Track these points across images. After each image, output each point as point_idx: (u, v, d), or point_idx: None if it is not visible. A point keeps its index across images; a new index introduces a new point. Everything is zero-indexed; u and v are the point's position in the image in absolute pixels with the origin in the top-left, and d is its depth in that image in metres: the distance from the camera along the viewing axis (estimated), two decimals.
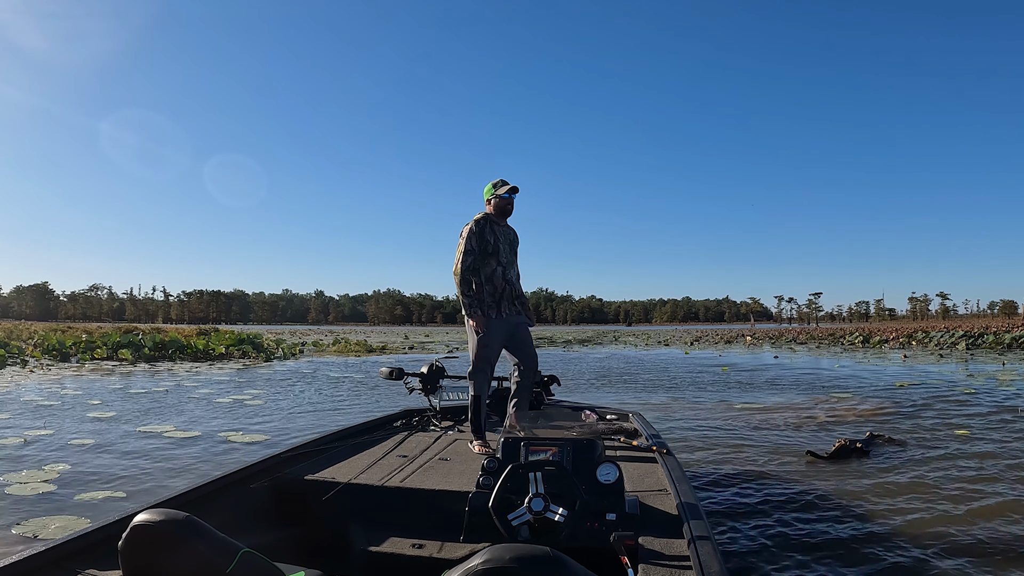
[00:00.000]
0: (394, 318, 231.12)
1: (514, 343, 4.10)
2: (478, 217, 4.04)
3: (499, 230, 4.06)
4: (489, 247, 3.99)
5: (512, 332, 4.08)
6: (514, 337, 4.09)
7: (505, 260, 4.05)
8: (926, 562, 3.42)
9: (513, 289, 4.09)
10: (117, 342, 21.93)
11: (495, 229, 4.03)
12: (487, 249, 3.99)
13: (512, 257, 4.16)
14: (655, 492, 2.68)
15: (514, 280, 4.12)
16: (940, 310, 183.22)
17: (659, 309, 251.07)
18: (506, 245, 4.08)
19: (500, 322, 4.01)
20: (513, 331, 4.08)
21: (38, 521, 4.07)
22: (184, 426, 7.67)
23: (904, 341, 32.49)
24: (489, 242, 3.99)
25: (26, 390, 11.43)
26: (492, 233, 4.01)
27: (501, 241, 4.04)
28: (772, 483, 5.04)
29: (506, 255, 4.07)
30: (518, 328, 4.10)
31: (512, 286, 4.08)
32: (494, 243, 4.00)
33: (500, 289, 4.02)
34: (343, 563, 2.49)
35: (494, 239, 4.00)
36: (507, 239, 4.11)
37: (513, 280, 4.10)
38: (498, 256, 4.01)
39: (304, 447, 3.42)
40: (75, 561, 1.90)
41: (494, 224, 4.05)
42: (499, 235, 4.04)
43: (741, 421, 8.08)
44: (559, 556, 1.22)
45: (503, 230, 4.10)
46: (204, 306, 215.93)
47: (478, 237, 3.97)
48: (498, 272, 4.02)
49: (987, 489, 4.75)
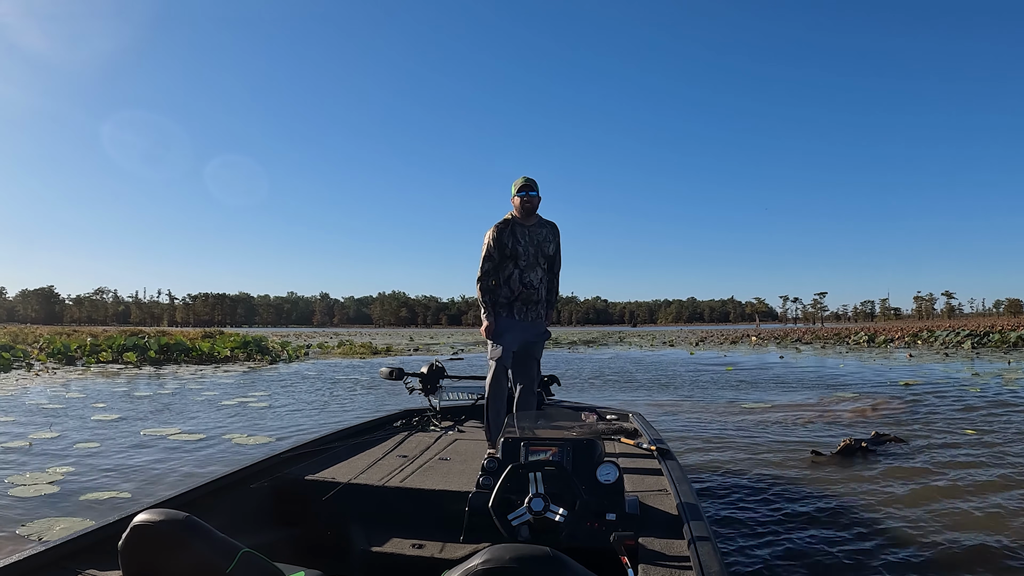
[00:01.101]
0: (399, 320, 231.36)
1: (520, 352, 3.98)
2: (500, 221, 3.98)
3: (522, 231, 3.94)
4: (507, 250, 3.92)
5: (523, 339, 3.96)
6: (523, 345, 3.97)
7: (524, 263, 3.93)
8: (931, 562, 3.40)
9: (533, 293, 3.96)
10: (122, 345, 22.00)
11: (516, 231, 3.93)
12: (504, 253, 3.93)
13: (535, 260, 3.97)
14: (655, 492, 2.67)
15: (535, 283, 3.97)
16: (945, 309, 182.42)
17: (664, 310, 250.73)
18: (530, 247, 3.94)
19: (512, 323, 3.93)
20: (525, 338, 3.96)
21: (43, 523, 4.09)
22: (189, 428, 7.69)
23: (909, 340, 32.37)
24: (507, 245, 3.91)
25: (31, 393, 11.48)
26: (512, 236, 3.91)
27: (523, 243, 3.93)
28: (776, 482, 5.02)
29: (527, 257, 3.93)
30: (530, 335, 3.98)
31: (531, 290, 3.96)
32: (512, 246, 3.91)
33: (516, 292, 3.95)
34: (343, 563, 2.49)
35: (512, 242, 3.91)
36: (533, 240, 3.96)
37: (534, 283, 3.96)
38: (516, 260, 3.92)
39: (304, 447, 3.42)
40: (75, 561, 1.90)
41: (517, 226, 3.94)
42: (520, 237, 3.93)
43: (746, 421, 8.06)
44: (559, 556, 1.22)
45: (529, 230, 3.96)
46: (209, 309, 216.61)
47: (496, 243, 3.92)
48: (515, 275, 3.93)
49: (993, 488, 4.73)
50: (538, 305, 4.03)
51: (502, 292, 3.97)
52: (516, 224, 3.96)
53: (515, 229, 3.94)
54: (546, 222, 4.08)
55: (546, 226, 4.06)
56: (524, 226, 3.96)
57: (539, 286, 4.00)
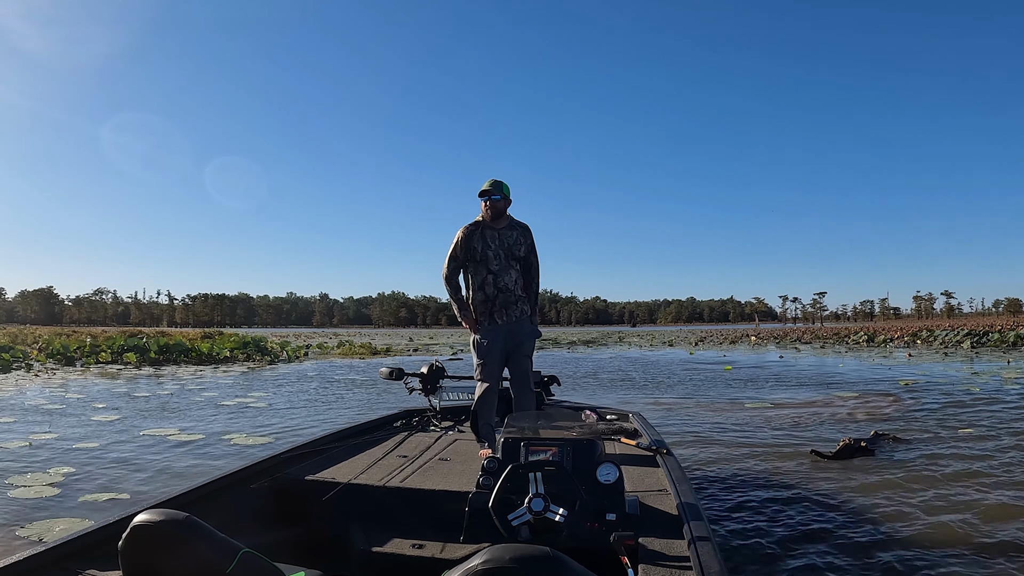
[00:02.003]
0: (399, 320, 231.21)
1: (511, 354, 3.95)
2: (470, 223, 3.94)
3: (492, 234, 3.89)
4: (477, 255, 3.88)
5: (509, 340, 3.93)
6: (510, 345, 3.94)
7: (496, 266, 3.88)
8: (931, 562, 3.40)
9: (508, 295, 3.91)
10: (122, 346, 21.99)
11: (486, 234, 3.88)
12: (475, 257, 3.89)
13: (507, 263, 3.92)
14: (655, 492, 2.67)
15: (510, 285, 3.92)
16: (945, 309, 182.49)
17: (664, 310, 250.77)
18: (500, 250, 3.89)
19: (495, 328, 3.91)
20: (510, 339, 3.93)
21: (43, 524, 4.08)
22: (189, 429, 7.69)
23: (909, 340, 32.38)
24: (476, 249, 3.86)
25: (31, 394, 11.48)
26: (481, 239, 3.86)
27: (492, 247, 3.88)
28: (775, 483, 5.03)
29: (498, 260, 3.88)
30: (516, 336, 3.95)
31: (506, 292, 3.91)
32: (482, 250, 3.86)
33: (492, 297, 3.90)
34: (343, 563, 2.49)
35: (482, 246, 3.86)
36: (504, 243, 3.91)
37: (508, 286, 3.91)
38: (488, 264, 3.88)
39: (304, 447, 3.41)
40: (75, 561, 1.90)
41: (486, 229, 3.90)
42: (491, 240, 3.88)
43: (745, 420, 8.06)
44: (559, 556, 1.22)
45: (499, 233, 3.91)
46: (209, 310, 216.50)
47: (463, 244, 3.89)
48: (489, 280, 3.89)
49: (992, 488, 4.73)
50: (519, 303, 3.97)
51: (477, 297, 3.94)
52: (485, 227, 3.91)
53: (484, 232, 3.90)
54: (517, 224, 4.03)
55: (516, 228, 4.00)
56: (494, 229, 3.92)
57: (514, 287, 3.95)
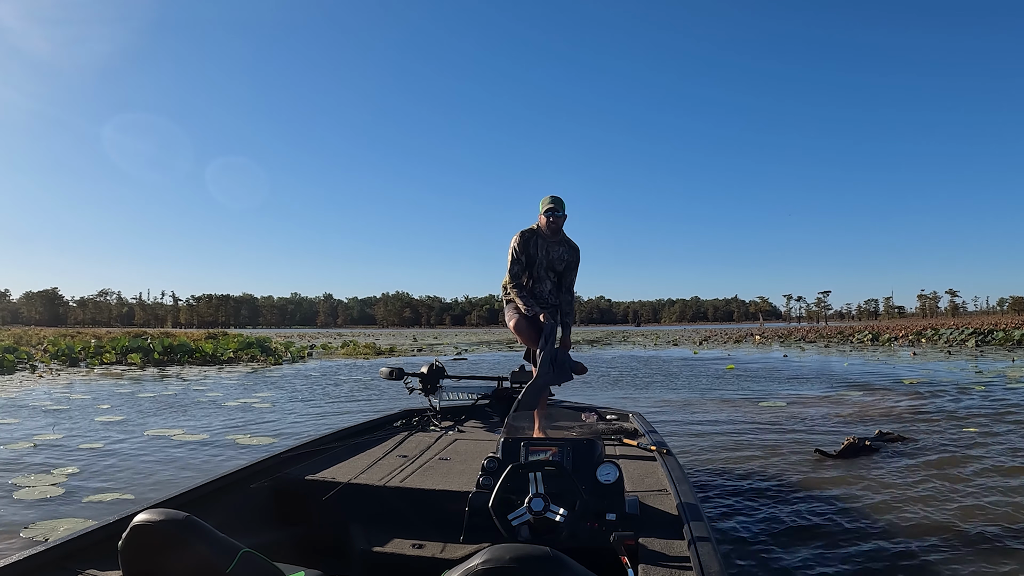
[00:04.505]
0: (403, 320, 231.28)
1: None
2: (526, 229, 4.10)
3: (543, 244, 4.09)
4: (532, 260, 4.08)
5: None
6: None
7: (536, 275, 4.11)
8: (934, 561, 3.39)
9: (542, 301, 4.12)
10: (126, 346, 22.06)
11: (539, 244, 4.08)
12: (530, 261, 4.09)
13: (546, 273, 4.14)
14: (655, 492, 2.67)
15: (545, 294, 4.15)
16: (949, 307, 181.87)
17: (668, 309, 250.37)
18: (545, 260, 4.11)
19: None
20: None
21: (47, 524, 4.10)
22: (193, 429, 7.71)
23: (913, 339, 32.29)
24: (533, 255, 4.08)
25: (36, 395, 11.52)
26: (536, 247, 4.07)
27: (541, 257, 4.09)
28: (778, 481, 5.02)
29: (539, 269, 4.11)
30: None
31: (539, 298, 4.12)
32: (533, 258, 4.08)
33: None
34: (343, 563, 2.49)
35: (536, 254, 4.08)
36: (549, 254, 4.12)
37: (543, 294, 4.14)
38: (531, 270, 4.10)
39: (304, 447, 3.41)
40: (75, 561, 1.91)
41: (541, 239, 4.08)
42: (542, 251, 4.09)
43: (748, 419, 8.05)
44: (559, 556, 1.22)
45: (551, 247, 4.11)
46: (213, 310, 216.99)
47: (523, 249, 4.06)
48: (527, 284, 4.10)
49: (996, 487, 4.72)
50: (553, 309, 4.16)
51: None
52: (540, 237, 4.11)
53: (539, 241, 4.10)
54: (567, 240, 4.19)
55: (564, 244, 4.18)
56: (546, 240, 4.11)
57: (548, 296, 4.18)
